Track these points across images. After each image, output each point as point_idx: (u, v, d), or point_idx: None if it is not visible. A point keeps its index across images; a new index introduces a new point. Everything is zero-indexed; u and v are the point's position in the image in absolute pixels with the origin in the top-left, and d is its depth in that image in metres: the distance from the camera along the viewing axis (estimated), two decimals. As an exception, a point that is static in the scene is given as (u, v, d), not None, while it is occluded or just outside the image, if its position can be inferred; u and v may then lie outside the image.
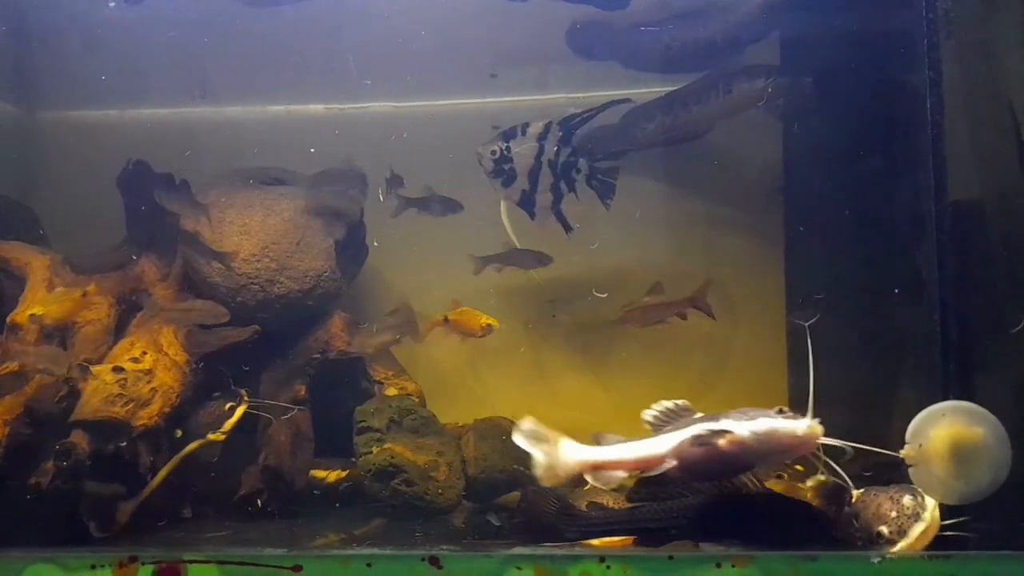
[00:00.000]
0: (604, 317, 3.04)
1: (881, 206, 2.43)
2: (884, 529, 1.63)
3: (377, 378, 2.77)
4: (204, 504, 2.50)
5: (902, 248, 2.30)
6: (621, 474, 1.70)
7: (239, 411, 2.47)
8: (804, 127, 2.88)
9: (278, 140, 3.13)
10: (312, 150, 2.99)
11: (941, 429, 1.58)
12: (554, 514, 1.84)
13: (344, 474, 2.55)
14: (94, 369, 2.33)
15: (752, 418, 1.63)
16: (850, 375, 2.44)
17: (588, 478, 1.72)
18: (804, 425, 1.60)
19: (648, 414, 1.74)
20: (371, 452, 2.48)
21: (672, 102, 2.92)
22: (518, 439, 1.76)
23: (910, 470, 1.60)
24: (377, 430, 2.53)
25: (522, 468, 2.51)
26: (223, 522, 2.41)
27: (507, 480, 2.59)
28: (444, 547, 1.72)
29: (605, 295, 2.74)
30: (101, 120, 3.20)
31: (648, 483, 1.77)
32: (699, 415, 1.72)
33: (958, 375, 1.88)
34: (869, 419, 2.14)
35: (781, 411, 1.64)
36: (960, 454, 1.58)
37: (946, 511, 1.64)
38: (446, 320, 2.75)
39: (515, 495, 2.62)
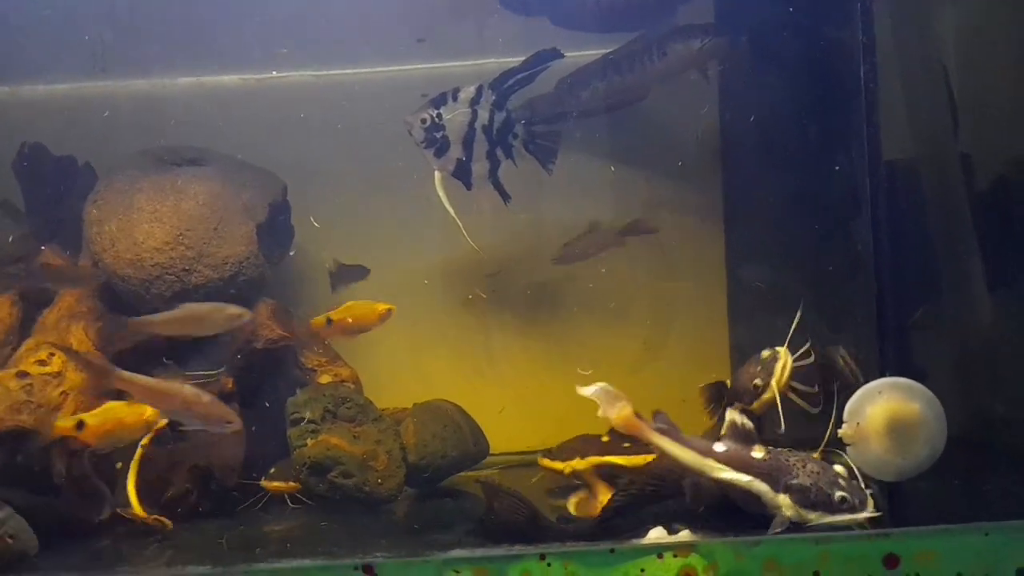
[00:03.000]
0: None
1: (817, 170, 2.40)
2: None
3: (309, 365, 2.65)
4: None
5: (838, 212, 2.28)
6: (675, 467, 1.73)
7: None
8: (740, 89, 2.82)
9: (190, 116, 2.92)
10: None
11: (878, 406, 1.57)
12: (523, 522, 1.79)
13: (297, 485, 2.42)
14: (-6, 375, 2.15)
15: (813, 499, 1.61)
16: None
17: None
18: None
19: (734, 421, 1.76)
20: (306, 445, 2.38)
21: (606, 66, 2.82)
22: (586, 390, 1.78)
23: (848, 449, 1.59)
24: (312, 421, 2.43)
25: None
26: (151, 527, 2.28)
27: (449, 465, 2.52)
28: (378, 554, 1.64)
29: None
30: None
31: (621, 496, 1.77)
32: (760, 455, 1.70)
33: (895, 345, 1.88)
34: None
35: (844, 501, 1.59)
36: (897, 430, 1.57)
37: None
38: (329, 322, 2.52)
39: (459, 477, 2.59)
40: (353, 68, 3.01)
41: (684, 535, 1.60)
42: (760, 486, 1.63)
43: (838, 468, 1.58)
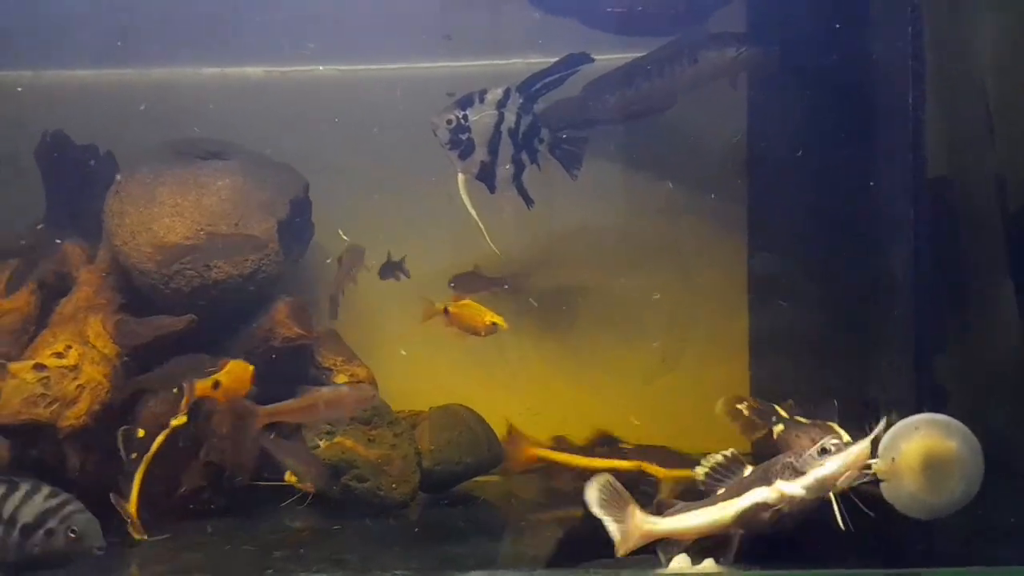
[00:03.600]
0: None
1: (853, 191, 2.35)
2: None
3: (326, 365, 2.63)
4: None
5: (874, 236, 2.24)
6: (686, 542, 1.73)
7: (188, 389, 2.30)
8: (771, 101, 2.77)
9: (214, 106, 2.89)
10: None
11: (914, 442, 1.54)
12: None
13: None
14: (12, 367, 2.14)
15: (800, 466, 1.64)
16: (818, 370, 2.39)
17: (658, 550, 1.73)
18: (852, 455, 1.61)
19: (700, 471, 1.76)
20: (319, 446, 2.36)
21: (634, 72, 2.77)
22: (591, 502, 1.71)
23: (882, 485, 1.56)
24: (326, 422, 2.41)
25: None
26: (163, 523, 2.27)
27: (464, 472, 2.50)
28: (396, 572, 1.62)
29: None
30: (12, 81, 2.91)
31: None
32: (748, 470, 1.73)
33: (930, 370, 1.85)
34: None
35: (824, 451, 1.63)
36: (933, 468, 1.54)
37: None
38: (446, 311, 2.55)
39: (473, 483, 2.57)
40: (379, 64, 2.97)
41: (707, 565, 1.59)
42: (759, 493, 1.65)
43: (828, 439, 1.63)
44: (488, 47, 2.95)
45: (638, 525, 1.68)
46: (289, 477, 2.48)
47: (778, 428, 1.92)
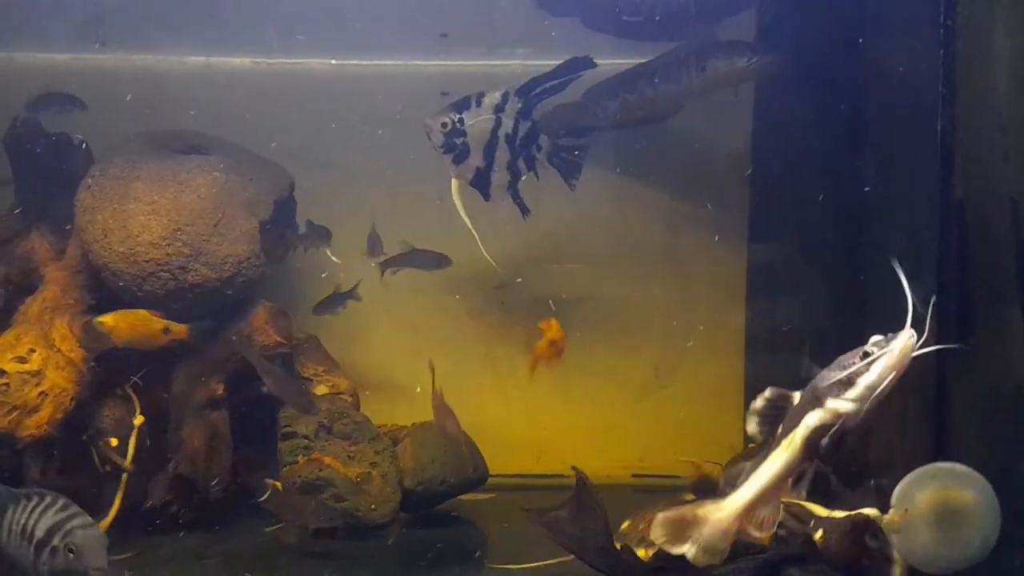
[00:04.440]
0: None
1: (858, 205, 2.26)
2: None
3: (306, 375, 2.51)
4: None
5: (889, 254, 2.15)
6: (774, 506, 1.50)
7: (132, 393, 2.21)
8: (778, 112, 2.67)
9: (196, 97, 2.76)
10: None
11: (929, 493, 1.44)
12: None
13: None
14: (-32, 372, 2.01)
15: (847, 379, 1.45)
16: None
17: (750, 530, 1.50)
18: (896, 350, 1.43)
19: (751, 425, 1.54)
20: (297, 462, 2.25)
21: (637, 78, 2.67)
22: (659, 539, 1.49)
23: (894, 537, 1.46)
24: (304, 436, 2.30)
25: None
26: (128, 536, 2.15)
27: (447, 492, 2.40)
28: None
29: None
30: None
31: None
32: (795, 395, 1.53)
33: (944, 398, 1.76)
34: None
35: (866, 355, 1.45)
36: (948, 520, 1.45)
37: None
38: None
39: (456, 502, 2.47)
40: (371, 60, 2.85)
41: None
42: (814, 417, 1.48)
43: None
44: (485, 47, 2.85)
45: (716, 523, 1.47)
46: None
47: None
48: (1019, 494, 2.18)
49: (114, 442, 2.19)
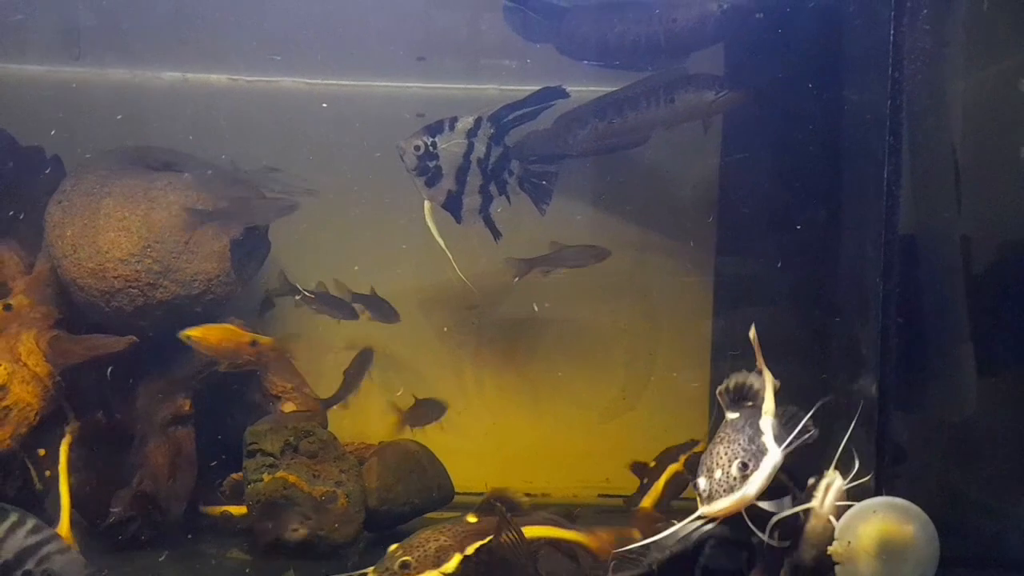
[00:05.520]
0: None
1: (822, 235, 2.33)
2: None
3: (274, 392, 2.52)
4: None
5: (837, 283, 2.22)
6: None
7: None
8: (745, 144, 2.74)
9: (172, 111, 2.77)
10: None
11: (871, 526, 1.50)
12: None
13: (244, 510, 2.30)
14: (-70, 386, 2.00)
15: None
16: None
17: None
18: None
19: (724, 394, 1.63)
20: (261, 480, 2.25)
21: (607, 106, 2.73)
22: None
23: (836, 568, 1.52)
24: (270, 454, 2.31)
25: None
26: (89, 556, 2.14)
27: (411, 512, 2.42)
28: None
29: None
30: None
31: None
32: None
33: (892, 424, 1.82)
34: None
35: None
36: (887, 553, 1.50)
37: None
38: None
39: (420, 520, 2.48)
40: (349, 80, 2.89)
41: None
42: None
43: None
44: (462, 71, 2.89)
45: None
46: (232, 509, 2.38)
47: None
48: (966, 526, 2.26)
49: (42, 452, 2.15)
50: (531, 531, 1.98)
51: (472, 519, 2.01)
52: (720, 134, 2.80)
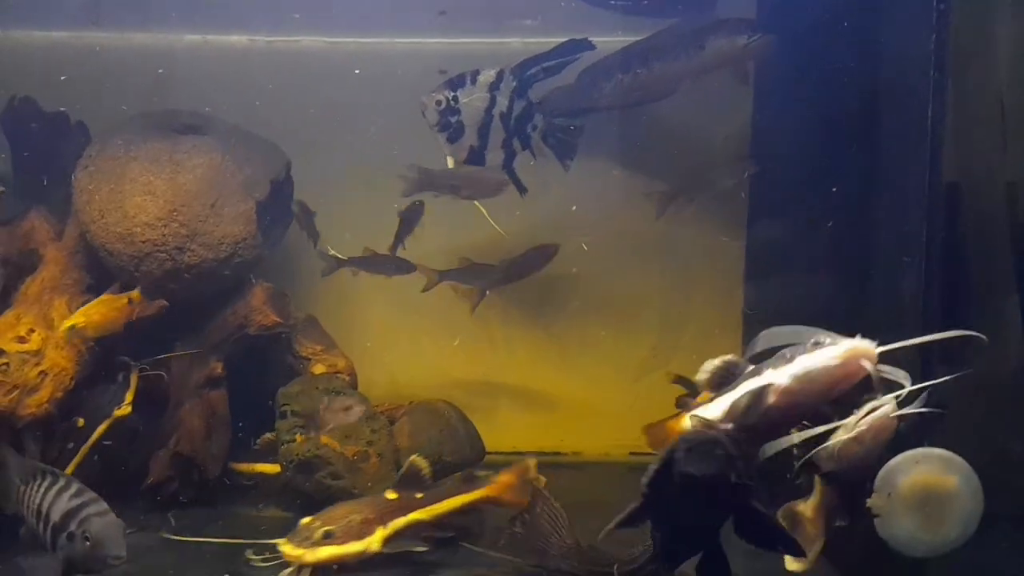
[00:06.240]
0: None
1: (859, 188, 2.25)
2: None
3: (304, 354, 2.53)
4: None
5: (882, 241, 2.14)
6: None
7: (133, 379, 2.22)
8: (778, 94, 2.64)
9: (193, 74, 2.75)
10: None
11: (911, 477, 1.46)
12: None
13: (276, 468, 2.32)
14: (-32, 352, 2.03)
15: (788, 354, 1.41)
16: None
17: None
18: (841, 349, 1.38)
19: (702, 376, 1.55)
20: (294, 441, 2.28)
21: (631, 58, 2.63)
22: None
23: (875, 520, 1.48)
24: (301, 415, 2.32)
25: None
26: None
27: (443, 471, 2.42)
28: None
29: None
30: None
31: None
32: (748, 369, 1.51)
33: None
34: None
35: (816, 343, 1.40)
36: (930, 505, 1.46)
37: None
38: None
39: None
40: (368, 37, 2.83)
41: None
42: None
43: None
44: (486, 24, 2.82)
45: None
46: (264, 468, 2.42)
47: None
48: (1011, 480, 2.20)
49: (80, 423, 2.17)
50: (442, 507, 2.01)
51: (391, 495, 2.01)
52: (751, 83, 2.71)
